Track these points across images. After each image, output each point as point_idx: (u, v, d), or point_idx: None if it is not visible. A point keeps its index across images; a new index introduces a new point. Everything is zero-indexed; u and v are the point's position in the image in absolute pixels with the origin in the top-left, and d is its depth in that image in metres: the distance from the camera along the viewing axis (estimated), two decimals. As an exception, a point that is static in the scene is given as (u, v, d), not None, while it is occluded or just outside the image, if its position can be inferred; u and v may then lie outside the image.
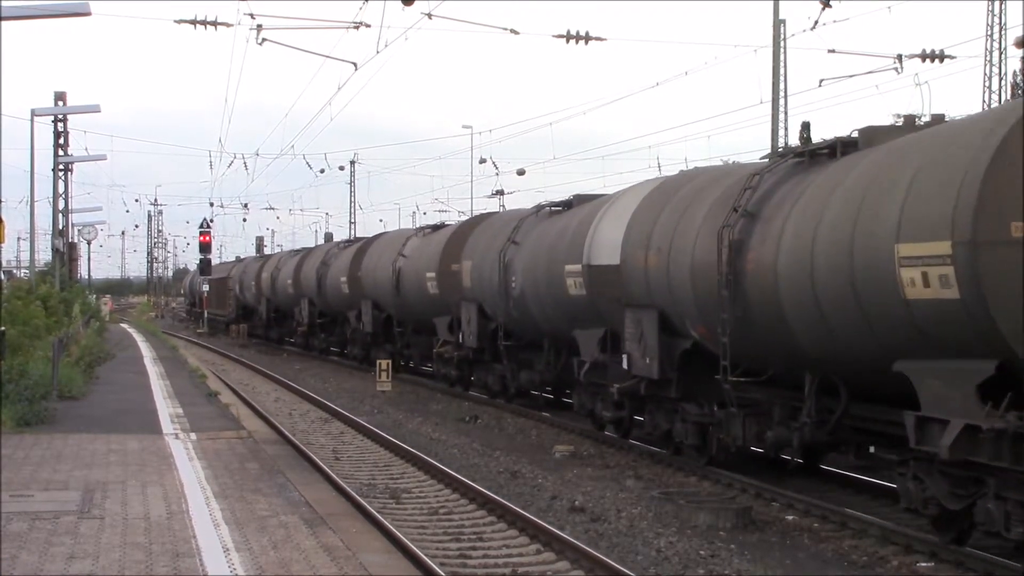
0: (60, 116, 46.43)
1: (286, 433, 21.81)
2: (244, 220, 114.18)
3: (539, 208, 25.96)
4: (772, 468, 17.51)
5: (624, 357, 19.13)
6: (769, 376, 15.68)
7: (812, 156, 15.20)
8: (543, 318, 24.04)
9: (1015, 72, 53.90)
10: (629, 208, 20.03)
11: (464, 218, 39.77)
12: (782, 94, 35.18)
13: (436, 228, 35.98)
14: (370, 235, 47.11)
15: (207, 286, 75.19)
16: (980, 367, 11.30)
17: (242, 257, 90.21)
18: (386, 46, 33.59)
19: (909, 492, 12.80)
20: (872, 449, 15.02)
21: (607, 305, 20.22)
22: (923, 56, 31.05)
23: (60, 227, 50.57)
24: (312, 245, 67.84)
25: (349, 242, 48.18)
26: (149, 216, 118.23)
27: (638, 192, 20.72)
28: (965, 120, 13.22)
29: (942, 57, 31.24)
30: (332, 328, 46.49)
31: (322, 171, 70.56)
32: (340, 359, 45.48)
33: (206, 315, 74.32)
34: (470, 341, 28.27)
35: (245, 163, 57.51)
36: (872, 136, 14.23)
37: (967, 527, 12.50)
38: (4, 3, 20.40)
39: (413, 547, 12.23)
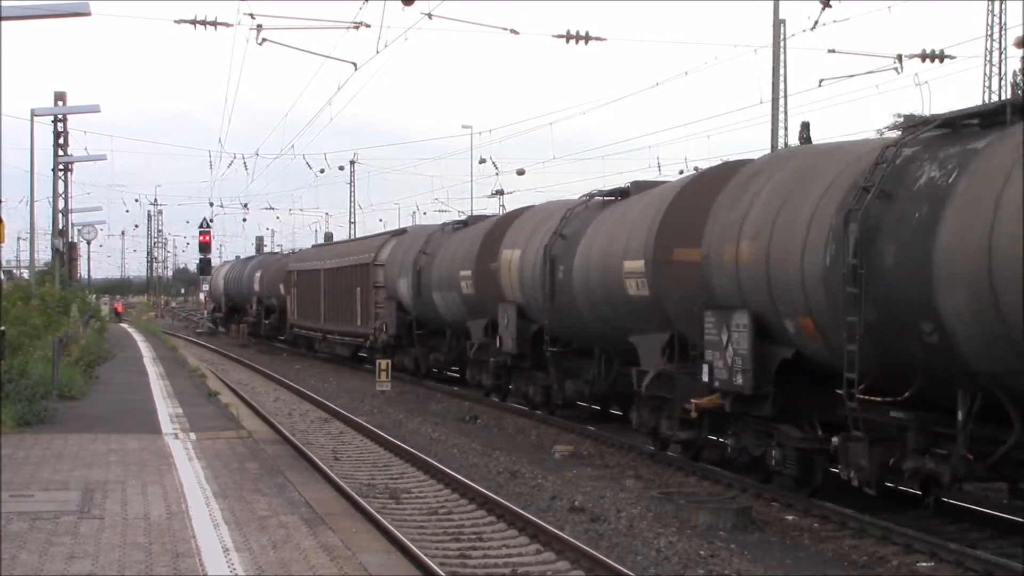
0: (60, 116, 46.41)
1: (286, 433, 21.81)
2: (244, 220, 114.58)
3: (589, 197, 23.37)
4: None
5: (704, 367, 16.46)
6: (909, 395, 12.75)
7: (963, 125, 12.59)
8: (595, 321, 21.46)
9: (1015, 72, 53.88)
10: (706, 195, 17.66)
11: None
12: (782, 94, 35.18)
13: (465, 224, 33.43)
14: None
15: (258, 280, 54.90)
16: None
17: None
18: (386, 46, 33.67)
19: None
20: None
21: (677, 306, 17.81)
22: (923, 56, 31.08)
23: (60, 227, 50.55)
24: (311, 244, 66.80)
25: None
26: (149, 216, 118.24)
27: (716, 176, 18.25)
28: None
29: (942, 57, 31.26)
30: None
31: (322, 171, 70.72)
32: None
33: (218, 321, 65.81)
34: (508, 346, 25.65)
35: (245, 163, 57.76)
36: None
37: None
38: (4, 3, 20.40)
39: (413, 547, 12.23)
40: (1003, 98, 50.42)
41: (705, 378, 16.41)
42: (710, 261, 16.59)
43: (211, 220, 75.50)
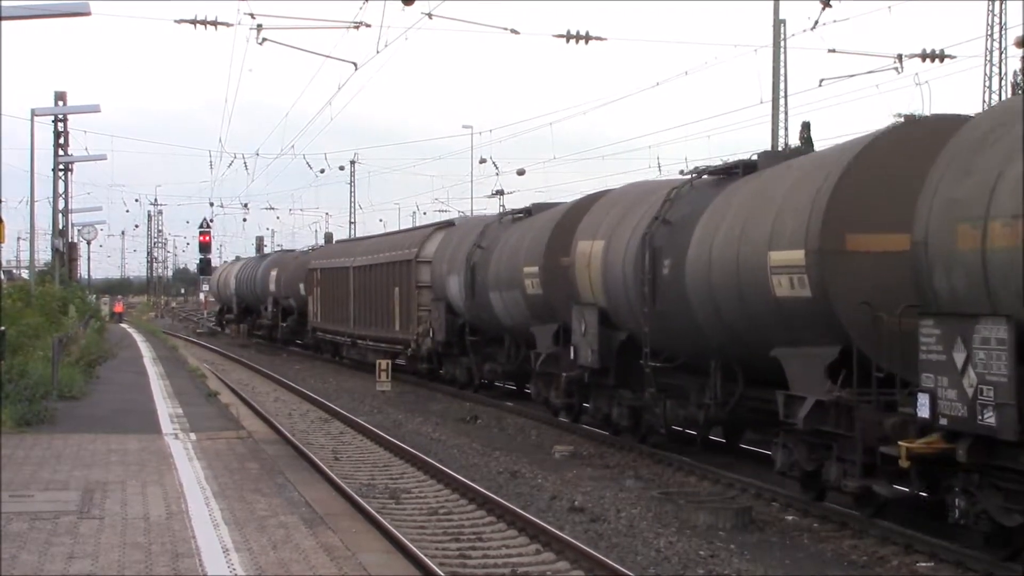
0: (60, 116, 46.50)
1: (286, 433, 21.81)
2: (244, 220, 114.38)
3: (696, 174, 18.96)
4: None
5: (920, 398, 12.19)
6: None
7: None
8: (716, 328, 16.88)
9: (1015, 72, 53.95)
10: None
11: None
12: (782, 94, 35.19)
13: (528, 212, 28.26)
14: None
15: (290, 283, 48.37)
16: None
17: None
18: (386, 46, 33.66)
19: None
20: None
21: (857, 311, 13.74)
22: (923, 56, 31.08)
23: (60, 227, 50.62)
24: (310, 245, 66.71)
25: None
26: (149, 216, 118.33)
27: (918, 134, 14.22)
28: None
29: (942, 57, 31.26)
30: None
31: (322, 171, 70.73)
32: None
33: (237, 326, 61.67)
34: (586, 358, 21.09)
35: (245, 163, 57.72)
36: None
37: None
38: (4, 3, 20.42)
39: (413, 547, 12.24)
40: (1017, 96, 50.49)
41: (923, 413, 12.12)
42: (928, 250, 12.16)
43: (211, 220, 75.65)
